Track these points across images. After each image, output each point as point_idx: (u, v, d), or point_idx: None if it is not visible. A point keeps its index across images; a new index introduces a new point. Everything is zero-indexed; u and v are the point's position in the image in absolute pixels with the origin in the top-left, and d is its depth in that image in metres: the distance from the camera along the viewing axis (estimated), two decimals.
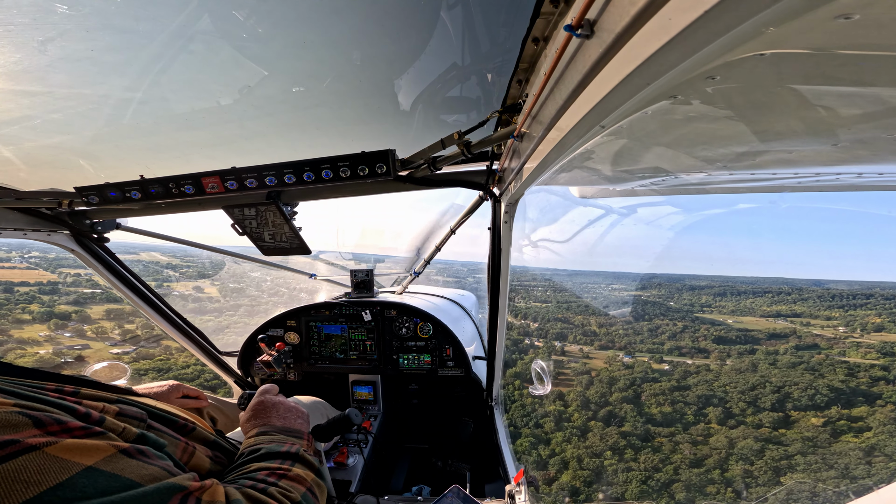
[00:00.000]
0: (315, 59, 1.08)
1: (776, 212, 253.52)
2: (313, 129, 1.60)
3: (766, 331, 46.05)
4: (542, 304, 52.53)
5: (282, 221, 2.02)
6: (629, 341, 44.96)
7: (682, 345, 43.66)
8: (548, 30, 0.90)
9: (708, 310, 50.84)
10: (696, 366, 40.49)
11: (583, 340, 45.50)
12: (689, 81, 0.67)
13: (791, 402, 34.76)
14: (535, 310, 51.10)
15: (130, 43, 0.95)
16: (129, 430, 0.80)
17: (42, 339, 23.56)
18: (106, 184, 1.85)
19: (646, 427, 33.30)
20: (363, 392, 3.10)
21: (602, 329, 48.00)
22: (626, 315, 49.11)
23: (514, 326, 48.40)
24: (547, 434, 32.77)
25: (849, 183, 1.48)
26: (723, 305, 51.70)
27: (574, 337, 46.08)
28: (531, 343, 46.83)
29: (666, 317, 49.20)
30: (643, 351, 43.14)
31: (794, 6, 0.37)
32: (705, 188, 2.01)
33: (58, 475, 0.62)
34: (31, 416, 0.67)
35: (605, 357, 43.09)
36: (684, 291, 55.07)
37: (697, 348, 43.19)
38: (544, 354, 43.74)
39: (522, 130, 1.20)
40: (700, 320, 48.22)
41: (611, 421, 34.06)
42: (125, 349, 22.70)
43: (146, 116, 1.37)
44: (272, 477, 0.96)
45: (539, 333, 47.79)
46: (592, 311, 51.35)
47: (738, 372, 38.36)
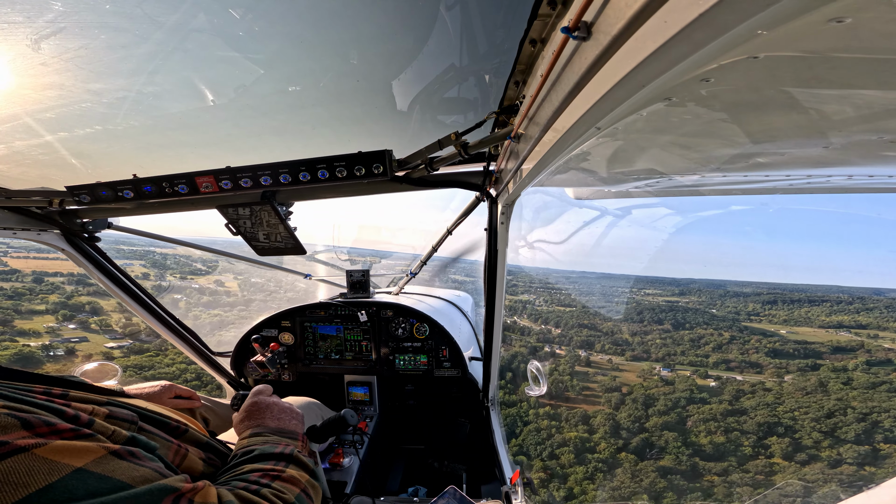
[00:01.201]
0: (312, 58, 1.08)
1: (800, 214, 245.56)
2: (309, 129, 1.59)
3: (829, 343, 39.37)
4: (566, 309, 48.21)
5: (277, 221, 2.01)
6: (667, 352, 39.22)
7: (729, 357, 37.93)
8: (545, 32, 0.90)
9: (756, 319, 45.23)
10: (750, 383, 34.12)
11: (612, 350, 40.23)
12: (684, 84, 0.68)
13: (882, 434, 28.14)
14: (557, 314, 47.01)
15: (125, 41, 0.95)
16: (119, 433, 0.80)
17: (44, 331, 23.27)
18: (98, 183, 1.83)
19: (692, 461, 26.33)
20: (359, 393, 3.09)
21: (635, 338, 41.98)
22: (664, 323, 44.31)
23: (533, 332, 44.99)
24: (564, 468, 26.01)
25: (839, 185, 1.50)
26: (773, 314, 45.71)
27: (602, 346, 40.80)
28: (552, 351, 41.89)
29: (710, 326, 43.30)
30: (684, 364, 37.26)
31: (787, 10, 0.37)
32: (699, 190, 2.03)
33: (47, 477, 0.62)
34: (20, 418, 0.66)
35: (639, 370, 37.15)
36: (728, 298, 49.38)
37: (748, 362, 37.28)
38: (567, 365, 38.47)
39: (519, 132, 1.20)
40: (749, 330, 42.33)
41: (646, 452, 27.22)
42: (121, 343, 22.51)
43: (140, 115, 1.36)
44: (265, 478, 0.96)
45: (562, 340, 42.89)
46: (624, 317, 45.64)
47: (804, 392, 32.44)
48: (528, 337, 44.44)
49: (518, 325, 46.82)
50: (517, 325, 46.86)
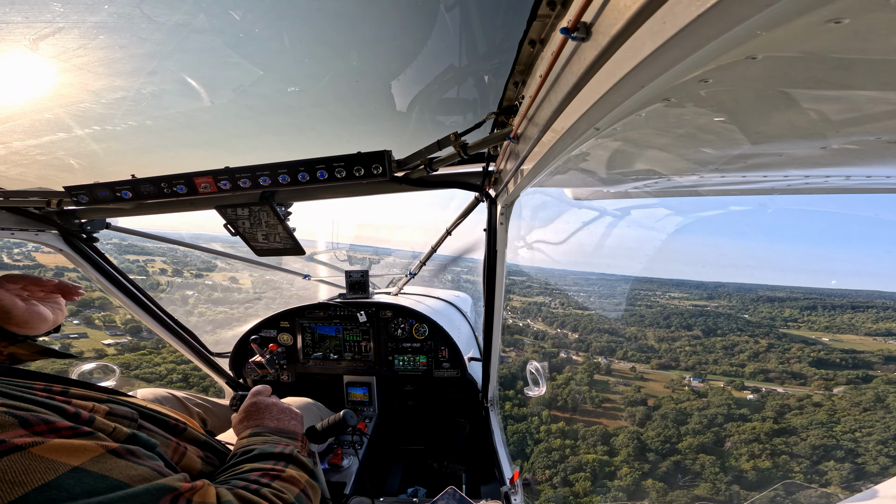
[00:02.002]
0: (311, 59, 1.08)
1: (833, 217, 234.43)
2: (308, 130, 1.59)
3: (879, 353, 35.39)
4: (585, 312, 44.57)
5: (275, 222, 2.00)
6: (698, 360, 35.55)
7: (768, 367, 34.28)
8: (544, 32, 0.90)
9: (794, 325, 41.91)
10: (797, 397, 29.81)
11: (636, 357, 36.62)
12: (683, 84, 0.68)
13: None
14: (574, 318, 43.31)
15: (124, 41, 0.94)
16: (120, 430, 0.80)
17: None
18: (96, 183, 1.83)
19: (731, 490, 22.01)
20: (358, 393, 3.08)
21: (662, 344, 38.53)
22: (693, 329, 40.80)
23: (548, 336, 41.99)
24: (579, 498, 21.52)
25: (837, 185, 1.51)
26: (813, 321, 42.19)
27: (625, 352, 37.07)
28: (568, 357, 38.36)
29: (744, 332, 39.76)
30: (717, 374, 33.56)
31: (786, 11, 0.38)
32: (697, 190, 2.04)
33: (43, 475, 0.62)
34: (18, 416, 0.66)
35: (667, 380, 33.39)
36: (761, 303, 45.53)
37: (790, 372, 33.46)
38: (585, 373, 34.83)
39: (518, 132, 1.20)
40: (788, 338, 38.87)
41: (677, 479, 22.62)
42: (119, 340, 22.43)
43: (139, 115, 1.35)
44: (265, 478, 0.96)
45: (579, 346, 39.49)
46: (649, 321, 42.25)
47: (862, 409, 27.41)
48: (543, 342, 41.76)
49: (531, 328, 44.17)
50: (530, 328, 44.19)
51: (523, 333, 43.91)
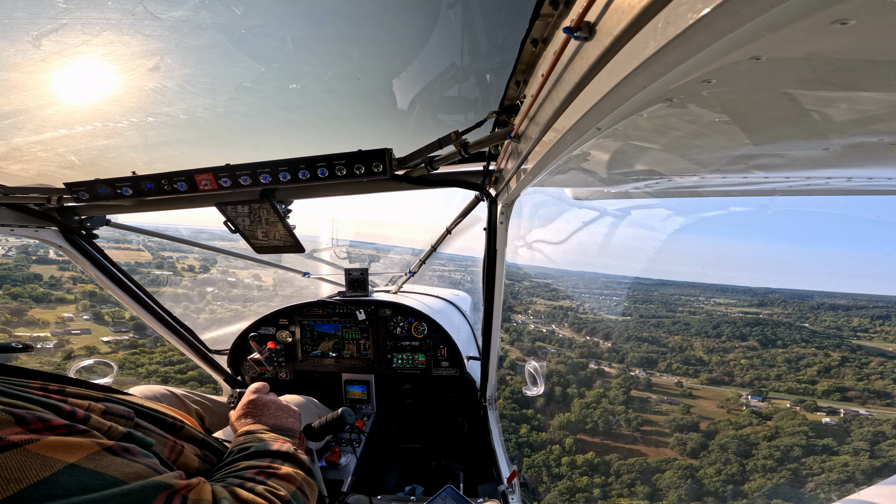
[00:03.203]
0: (313, 56, 1.08)
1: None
2: (309, 127, 1.59)
3: None
4: (619, 318, 40.11)
5: (276, 219, 2.00)
6: (756, 375, 30.60)
7: (845, 384, 28.50)
8: (546, 31, 0.90)
9: (865, 336, 36.18)
10: (893, 422, 23.86)
11: (682, 370, 31.20)
12: (685, 85, 0.68)
13: None
14: (606, 324, 38.32)
15: (126, 38, 0.94)
16: (115, 429, 0.80)
17: (54, 321, 23.03)
18: (96, 180, 1.83)
19: None
20: (357, 391, 3.08)
21: (712, 356, 32.67)
22: (748, 339, 35.40)
23: (575, 344, 36.74)
24: None
25: (838, 187, 1.51)
26: (888, 331, 36.71)
27: (668, 364, 31.66)
28: (598, 368, 33.05)
29: (810, 344, 34.46)
30: (781, 391, 28.32)
31: (791, 11, 0.37)
32: (698, 191, 2.04)
33: (39, 472, 0.62)
34: (14, 414, 0.66)
35: (721, 398, 28.10)
36: (822, 311, 40.61)
37: (873, 391, 27.68)
38: (619, 388, 29.27)
39: (519, 131, 1.20)
40: (864, 350, 33.13)
41: None
42: (119, 337, 22.40)
43: (140, 112, 1.35)
44: (261, 475, 0.96)
45: (612, 356, 34.05)
46: (695, 329, 36.22)
47: None
48: (570, 350, 37.25)
49: (556, 335, 39.58)
50: (555, 335, 39.57)
51: (547, 341, 39.28)
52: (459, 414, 3.10)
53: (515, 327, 41.71)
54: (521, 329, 41.73)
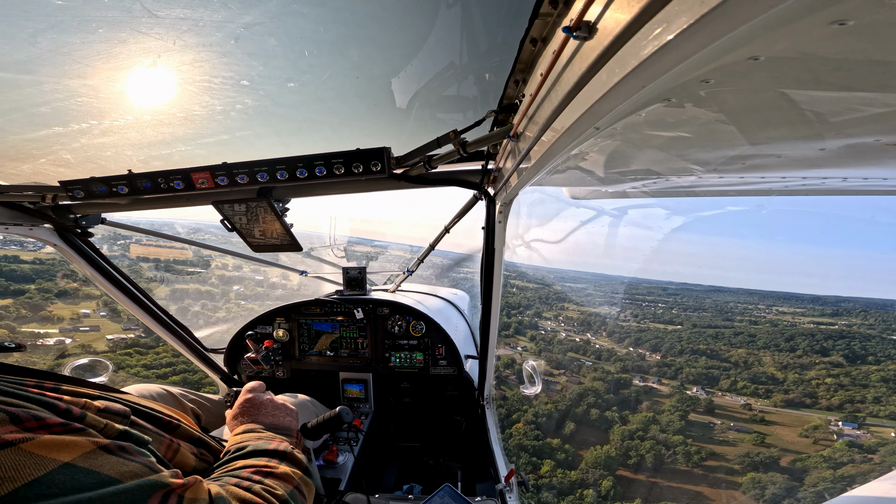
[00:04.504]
0: (312, 54, 1.07)
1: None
2: (308, 126, 1.59)
3: None
4: (668, 327, 35.06)
5: (273, 218, 1.99)
6: (847, 397, 25.34)
7: None
8: (546, 31, 0.90)
9: None
10: None
11: (750, 389, 26.03)
12: (683, 85, 0.68)
13: None
14: (654, 333, 33.40)
15: (123, 35, 0.94)
16: (112, 427, 0.79)
17: (69, 317, 22.74)
18: (92, 178, 1.81)
19: None
20: (354, 390, 3.08)
21: (788, 373, 27.44)
22: (830, 354, 29.96)
23: (617, 356, 32.22)
24: None
25: (834, 187, 1.52)
26: None
27: (733, 382, 26.50)
28: (646, 386, 28.16)
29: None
30: (881, 416, 23.61)
31: (790, 11, 0.38)
32: (695, 191, 2.04)
33: (33, 471, 0.62)
34: (8, 412, 0.66)
35: (803, 424, 22.48)
36: None
37: None
38: (674, 412, 24.06)
39: (518, 130, 1.20)
40: None
41: None
42: (125, 336, 22.20)
43: (136, 110, 1.34)
44: (258, 475, 0.95)
45: (663, 371, 29.20)
46: (763, 342, 30.78)
47: None
48: (609, 363, 32.19)
49: (592, 345, 34.57)
50: (591, 345, 34.62)
51: (581, 351, 34.07)
52: (457, 413, 3.11)
53: (544, 335, 37.42)
54: (551, 338, 37.14)
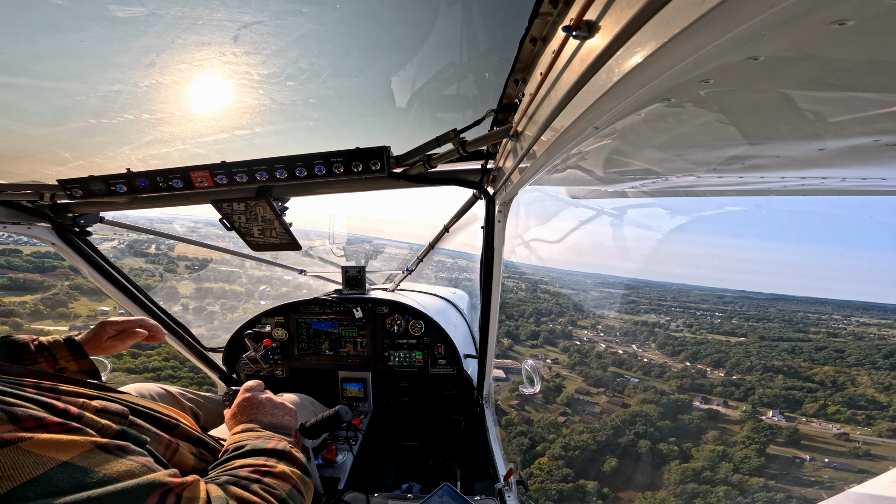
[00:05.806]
0: (311, 53, 1.07)
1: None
2: (307, 125, 1.58)
3: None
4: (732, 339, 30.94)
5: (272, 217, 1.99)
6: None
7: None
8: (546, 30, 0.90)
9: None
10: None
11: (845, 415, 21.39)
12: (683, 85, 0.68)
13: None
14: (715, 346, 29.28)
15: (122, 34, 0.93)
16: (109, 427, 0.79)
17: (86, 314, 22.65)
18: (90, 177, 1.81)
19: None
20: (353, 389, 3.08)
21: (889, 396, 23.31)
22: None
23: (670, 371, 27.81)
24: None
25: (833, 187, 1.52)
26: None
27: (821, 406, 22.02)
28: (709, 410, 23.82)
29: None
30: None
31: (789, 12, 0.38)
32: (694, 191, 2.05)
33: (32, 470, 0.62)
34: (7, 412, 0.66)
35: None
36: None
37: None
38: (749, 445, 20.21)
39: (518, 130, 1.20)
40: None
41: None
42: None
43: (135, 108, 1.34)
44: (256, 474, 0.95)
45: (728, 392, 25.09)
46: (855, 358, 26.26)
47: None
48: (661, 381, 27.83)
49: (639, 359, 30.76)
50: (637, 359, 30.75)
51: (626, 366, 30.07)
52: (456, 412, 3.11)
53: (579, 346, 32.94)
54: (588, 349, 32.84)
